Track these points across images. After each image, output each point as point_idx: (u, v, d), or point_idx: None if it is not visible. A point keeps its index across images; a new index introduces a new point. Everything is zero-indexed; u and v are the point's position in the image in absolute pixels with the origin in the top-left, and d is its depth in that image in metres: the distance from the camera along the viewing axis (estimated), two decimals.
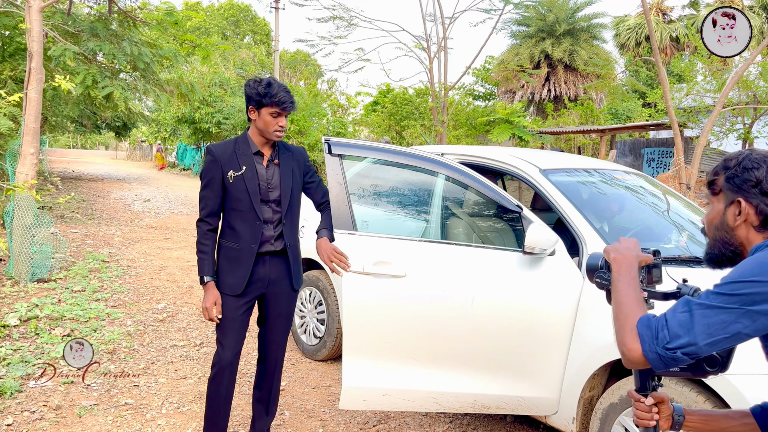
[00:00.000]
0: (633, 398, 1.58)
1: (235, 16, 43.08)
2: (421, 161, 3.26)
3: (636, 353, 1.32)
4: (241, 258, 2.79)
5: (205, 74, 21.25)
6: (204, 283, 2.79)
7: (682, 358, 1.28)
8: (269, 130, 2.73)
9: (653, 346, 1.29)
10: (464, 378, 3.03)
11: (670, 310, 1.33)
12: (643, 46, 29.24)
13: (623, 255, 1.53)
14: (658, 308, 1.49)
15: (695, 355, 1.28)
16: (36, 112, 6.36)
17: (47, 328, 4.66)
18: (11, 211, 6.04)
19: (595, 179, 3.71)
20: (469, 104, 17.72)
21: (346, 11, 12.96)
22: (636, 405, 1.57)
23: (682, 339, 1.27)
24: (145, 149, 42.68)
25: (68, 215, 11.18)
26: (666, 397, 1.58)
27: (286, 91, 2.71)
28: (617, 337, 1.39)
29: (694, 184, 9.05)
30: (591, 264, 1.65)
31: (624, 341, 1.35)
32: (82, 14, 10.25)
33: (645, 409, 1.55)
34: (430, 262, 3.05)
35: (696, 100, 14.02)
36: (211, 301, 2.76)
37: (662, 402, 1.57)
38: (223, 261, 2.83)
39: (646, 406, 1.55)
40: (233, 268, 2.80)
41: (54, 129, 21.30)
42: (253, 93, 2.70)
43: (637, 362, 1.33)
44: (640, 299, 1.43)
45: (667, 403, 1.58)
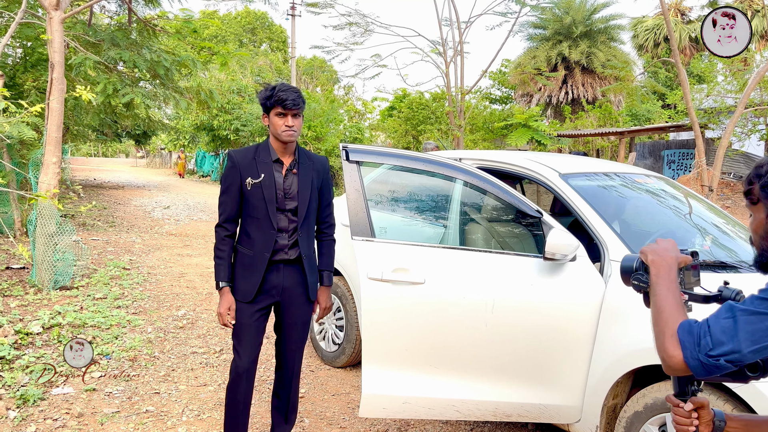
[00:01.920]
0: (671, 403, 1.51)
1: (251, 23, 43.42)
2: (439, 167, 3.24)
3: (677, 360, 1.28)
4: (254, 265, 2.79)
5: (222, 81, 21.45)
6: (219, 289, 2.80)
7: (726, 366, 1.23)
8: (278, 131, 2.72)
9: (695, 353, 1.25)
10: (485, 385, 3.00)
11: (713, 316, 1.29)
12: (661, 47, 28.95)
13: (662, 257, 1.48)
14: (699, 312, 1.45)
15: (739, 363, 1.23)
16: (58, 122, 6.45)
17: (69, 335, 4.71)
18: (34, 219, 6.13)
19: (615, 183, 3.66)
20: (486, 108, 17.67)
21: (362, 17, 13.02)
22: (674, 410, 1.50)
23: (726, 346, 1.23)
24: (164, 156, 43.14)
25: (90, 223, 11.32)
26: (706, 401, 1.50)
27: (289, 89, 2.69)
28: (657, 342, 1.35)
29: (716, 186, 8.92)
30: (626, 266, 1.59)
31: (664, 347, 1.31)
32: (103, 24, 10.41)
33: (684, 415, 1.48)
34: (449, 269, 3.03)
35: (717, 101, 13.86)
36: (225, 306, 2.77)
37: (702, 407, 1.49)
38: (237, 267, 2.84)
39: (685, 411, 1.48)
40: (246, 274, 2.81)
41: (76, 138, 21.62)
42: (261, 99, 2.74)
43: (678, 369, 1.29)
44: (680, 303, 1.38)
45: (708, 408, 1.50)
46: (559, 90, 25.67)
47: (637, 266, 1.56)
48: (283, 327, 2.98)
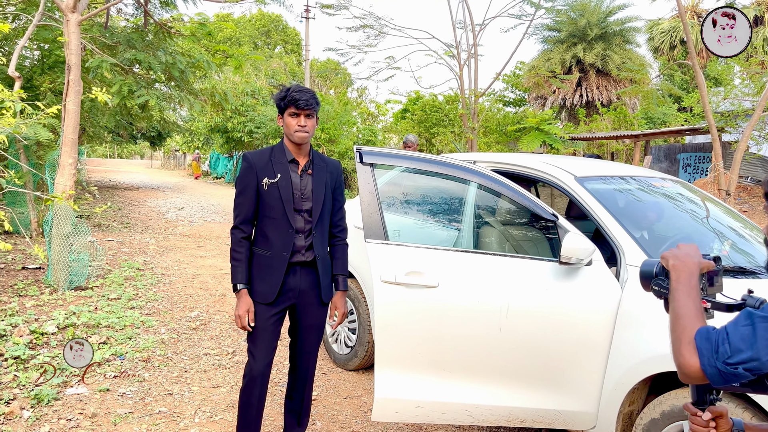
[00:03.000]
0: (689, 412, 1.48)
1: (266, 26, 43.64)
2: (453, 169, 3.22)
3: (694, 368, 1.25)
4: (273, 266, 2.79)
5: (237, 84, 21.56)
6: (237, 291, 2.79)
7: (744, 374, 1.20)
8: (291, 131, 2.73)
9: (713, 361, 1.22)
10: (498, 390, 2.97)
11: (732, 323, 1.26)
12: (677, 50, 28.67)
13: (683, 262, 1.45)
14: (721, 320, 1.41)
15: (758, 371, 1.20)
16: (74, 124, 6.50)
17: (84, 335, 4.74)
18: (50, 220, 6.18)
19: (632, 186, 3.62)
20: (500, 110, 17.60)
21: (376, 20, 13.02)
22: (692, 419, 1.47)
23: (744, 354, 1.20)
24: (179, 158, 43.42)
25: (105, 224, 11.41)
26: (725, 410, 1.47)
27: (303, 90, 2.70)
28: (674, 349, 1.32)
29: (734, 190, 8.81)
30: (645, 271, 1.56)
31: (681, 354, 1.28)
32: (119, 27, 10.50)
33: (702, 424, 1.45)
34: (463, 272, 3.00)
35: (734, 104, 13.71)
36: (243, 308, 2.76)
37: (721, 416, 1.46)
38: (255, 269, 2.83)
39: (703, 420, 1.45)
40: (265, 275, 2.80)
41: (92, 139, 21.83)
42: (276, 99, 2.76)
43: (695, 377, 1.26)
44: (699, 310, 1.35)
45: (726, 418, 1.47)
46: (574, 93, 25.51)
47: (657, 271, 1.53)
48: (298, 330, 2.97)
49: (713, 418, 1.46)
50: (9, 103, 4.77)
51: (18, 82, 6.52)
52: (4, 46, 10.07)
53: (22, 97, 5.04)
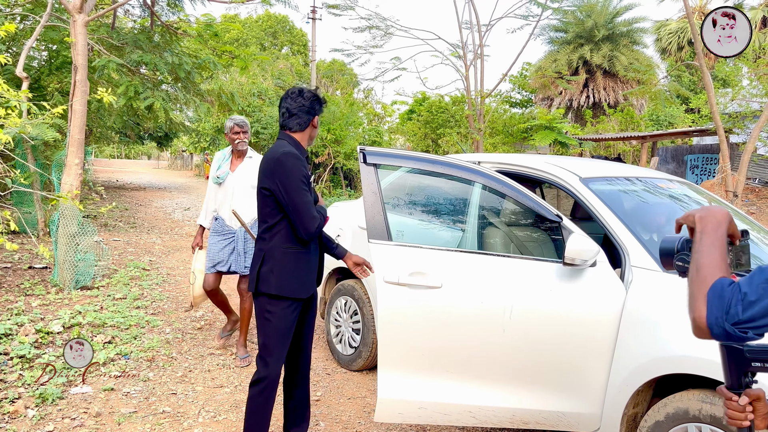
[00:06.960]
0: (724, 396, 1.40)
1: (272, 27, 43.70)
2: (457, 170, 3.21)
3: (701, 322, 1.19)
4: (311, 261, 2.88)
5: (243, 84, 21.60)
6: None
7: (753, 337, 1.16)
8: (315, 137, 2.96)
9: (721, 321, 1.17)
10: (502, 392, 2.96)
11: (745, 280, 1.19)
12: (685, 51, 28.53)
13: (711, 213, 1.35)
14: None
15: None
16: (81, 124, 6.53)
17: (89, 335, 4.75)
18: (57, 220, 6.21)
19: (637, 188, 3.60)
20: (506, 111, 17.56)
21: (382, 20, 13.01)
22: (727, 404, 1.39)
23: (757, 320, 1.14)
24: (185, 159, 43.53)
25: (111, 224, 11.45)
26: (762, 393, 1.39)
27: None
28: (689, 302, 1.25)
29: (741, 191, 8.75)
30: (666, 247, 1.45)
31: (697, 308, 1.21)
32: (126, 28, 10.54)
33: (738, 409, 1.37)
34: (466, 273, 2.99)
35: (742, 106, 13.63)
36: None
37: (758, 399, 1.38)
38: (291, 266, 2.79)
39: (739, 405, 1.37)
40: (303, 271, 2.84)
41: (99, 140, 21.92)
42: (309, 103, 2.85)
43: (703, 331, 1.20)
44: (724, 260, 1.26)
45: (764, 401, 1.39)
46: (580, 94, 25.43)
47: (680, 246, 1.43)
48: (304, 324, 3.03)
49: (750, 402, 1.38)
50: (15, 103, 4.80)
51: (26, 82, 6.55)
52: (12, 46, 10.12)
53: (28, 96, 5.07)
